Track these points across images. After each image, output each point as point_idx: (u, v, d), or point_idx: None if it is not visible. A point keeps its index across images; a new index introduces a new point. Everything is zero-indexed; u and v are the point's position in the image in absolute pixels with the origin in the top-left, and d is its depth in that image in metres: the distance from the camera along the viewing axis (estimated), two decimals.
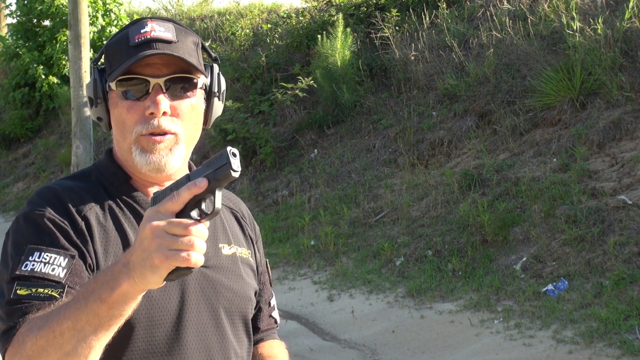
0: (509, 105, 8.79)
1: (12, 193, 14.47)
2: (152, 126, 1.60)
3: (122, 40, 1.64)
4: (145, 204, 1.66)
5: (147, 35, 1.61)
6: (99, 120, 1.70)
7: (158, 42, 1.61)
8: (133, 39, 1.61)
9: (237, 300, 1.72)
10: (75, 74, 10.23)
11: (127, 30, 1.65)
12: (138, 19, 1.67)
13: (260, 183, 10.55)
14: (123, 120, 1.63)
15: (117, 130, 1.65)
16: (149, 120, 1.61)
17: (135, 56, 1.59)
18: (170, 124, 1.62)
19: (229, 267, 1.73)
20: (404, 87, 10.27)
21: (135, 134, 1.62)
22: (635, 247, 6.31)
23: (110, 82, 1.63)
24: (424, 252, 7.56)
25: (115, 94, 1.63)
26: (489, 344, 5.84)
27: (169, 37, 1.62)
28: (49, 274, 1.50)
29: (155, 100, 1.60)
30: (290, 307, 7.27)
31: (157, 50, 1.59)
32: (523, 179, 7.64)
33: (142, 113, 1.61)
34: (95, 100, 1.67)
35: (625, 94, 7.71)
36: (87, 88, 1.68)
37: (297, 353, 6.16)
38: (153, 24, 1.63)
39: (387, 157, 9.54)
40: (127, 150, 1.64)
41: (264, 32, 12.91)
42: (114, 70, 1.62)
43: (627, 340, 5.40)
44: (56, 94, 14.87)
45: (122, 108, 1.62)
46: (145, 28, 1.62)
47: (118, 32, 1.69)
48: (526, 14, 9.52)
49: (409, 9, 11.15)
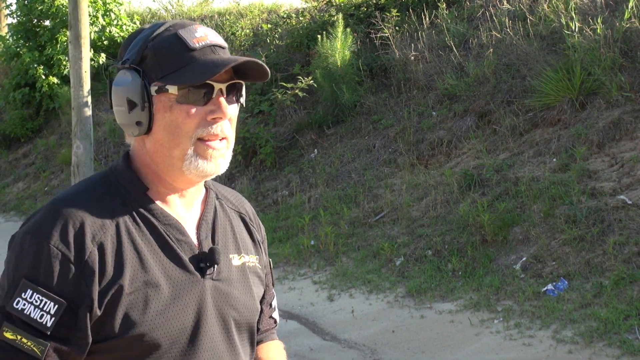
0: (509, 105, 8.80)
1: (12, 193, 14.47)
2: (215, 131, 1.60)
3: (175, 44, 1.60)
4: (162, 216, 1.64)
5: (205, 40, 1.60)
6: (137, 125, 1.62)
7: (216, 47, 1.62)
8: (192, 43, 1.59)
9: (246, 313, 1.73)
10: (75, 74, 10.23)
11: (173, 32, 1.61)
12: (175, 22, 1.64)
13: (260, 183, 10.56)
14: (178, 125, 1.59)
15: (167, 135, 1.61)
16: (210, 124, 1.60)
17: (221, 63, 1.57)
18: (228, 128, 1.64)
19: (239, 279, 1.73)
20: (404, 87, 10.27)
21: (193, 139, 1.59)
22: (635, 247, 6.32)
23: (168, 86, 1.58)
24: (424, 252, 7.57)
25: (168, 97, 1.59)
26: (489, 344, 5.85)
27: (222, 42, 1.64)
28: (37, 320, 1.50)
29: (221, 105, 1.60)
30: (290, 307, 7.27)
31: (241, 60, 1.59)
32: (523, 179, 7.64)
33: (202, 117, 1.59)
34: (142, 103, 1.60)
35: (625, 94, 7.72)
36: (125, 90, 1.61)
37: (297, 353, 6.16)
38: (202, 28, 1.63)
39: (387, 157, 9.55)
40: (179, 158, 1.61)
41: (264, 32, 12.92)
42: (170, 74, 1.59)
43: (627, 340, 5.41)
44: (56, 94, 14.87)
45: (179, 112, 1.59)
46: (198, 32, 1.61)
47: (153, 32, 1.63)
48: (526, 14, 9.53)
49: (408, 9, 11.15)
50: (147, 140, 1.64)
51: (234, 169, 10.96)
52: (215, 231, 1.72)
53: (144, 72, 1.60)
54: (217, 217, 1.74)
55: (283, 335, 7.21)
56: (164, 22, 1.65)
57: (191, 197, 1.70)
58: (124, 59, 1.64)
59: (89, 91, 10.36)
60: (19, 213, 13.31)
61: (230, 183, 10.65)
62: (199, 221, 1.70)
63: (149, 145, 1.64)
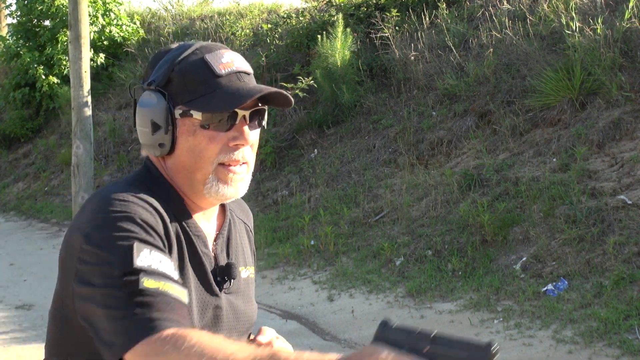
0: (509, 105, 8.80)
1: (12, 193, 14.48)
2: (236, 157, 1.62)
3: (201, 69, 1.60)
4: (193, 226, 1.66)
5: (231, 66, 1.62)
6: (160, 146, 1.63)
7: (242, 73, 1.63)
8: (218, 69, 1.60)
9: (248, 325, 1.77)
10: (75, 74, 10.24)
11: (200, 56, 1.62)
12: (202, 45, 1.65)
13: (261, 183, 10.56)
14: (201, 149, 1.61)
15: (189, 158, 1.62)
16: (232, 150, 1.62)
17: (246, 93, 1.59)
18: (249, 154, 1.66)
19: (244, 291, 1.76)
20: (404, 87, 10.27)
21: (215, 164, 1.61)
22: (635, 247, 6.32)
23: (193, 111, 1.60)
24: (424, 252, 7.57)
25: (192, 122, 1.61)
26: None
27: (248, 68, 1.65)
28: (166, 272, 1.48)
29: (243, 132, 1.62)
30: (290, 307, 7.28)
31: (266, 90, 1.60)
32: (523, 179, 7.64)
33: (224, 143, 1.61)
34: (166, 126, 1.61)
35: (625, 94, 7.72)
36: (149, 112, 1.62)
37: None
38: (229, 53, 1.64)
39: (387, 157, 9.55)
40: (200, 181, 1.63)
41: (264, 32, 12.91)
42: (196, 99, 1.60)
43: (627, 340, 5.41)
44: (56, 94, 14.87)
45: (202, 137, 1.61)
46: (225, 57, 1.62)
47: (180, 55, 1.63)
48: (526, 14, 9.53)
49: (408, 9, 11.15)
50: (168, 160, 1.66)
51: None
52: (229, 245, 1.75)
53: (170, 95, 1.61)
54: (231, 232, 1.78)
55: (283, 336, 7.19)
56: (192, 44, 1.66)
57: (211, 212, 1.74)
58: (150, 80, 1.65)
59: (89, 91, 10.37)
60: (19, 213, 13.31)
61: None
62: (217, 235, 1.73)
63: (170, 165, 1.66)
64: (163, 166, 1.68)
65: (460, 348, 1.22)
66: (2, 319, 7.31)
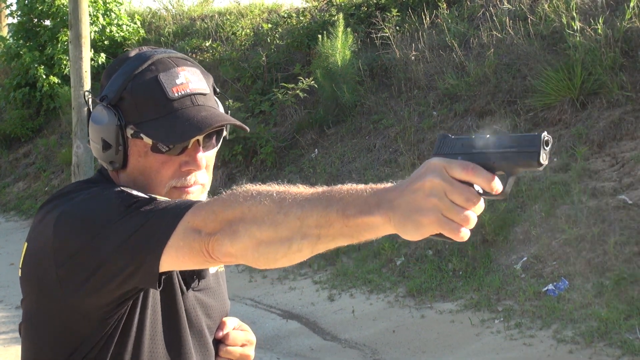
0: (510, 105, 8.80)
1: (12, 193, 14.47)
2: (189, 182, 1.58)
3: (154, 90, 1.55)
4: None
5: (185, 88, 1.56)
6: (111, 164, 1.59)
7: (198, 95, 1.57)
8: (171, 93, 1.54)
9: (218, 319, 1.73)
10: (76, 74, 10.23)
11: (154, 75, 1.56)
12: (158, 60, 1.58)
13: (261, 183, 10.55)
14: (152, 172, 1.57)
15: (142, 178, 1.58)
16: (184, 175, 1.57)
17: (196, 126, 1.52)
18: (202, 177, 1.60)
19: (214, 287, 1.72)
20: (405, 87, 10.27)
21: (168, 187, 1.57)
22: (635, 246, 6.32)
23: (143, 134, 1.54)
24: (425, 251, 7.57)
25: (144, 143, 1.56)
26: (490, 344, 5.85)
27: (203, 89, 1.59)
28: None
29: (196, 158, 1.57)
30: (290, 306, 7.27)
31: (216, 122, 1.54)
32: (523, 179, 7.64)
33: (177, 167, 1.57)
34: (116, 146, 1.56)
35: (626, 94, 7.72)
36: (100, 130, 1.57)
37: (298, 353, 6.16)
38: (184, 73, 1.57)
39: (388, 157, 9.55)
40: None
41: (264, 32, 12.91)
42: (147, 122, 1.54)
43: (628, 340, 5.40)
44: (57, 94, 14.86)
45: (154, 161, 1.56)
46: (179, 78, 1.56)
47: (135, 69, 1.56)
48: (526, 14, 9.52)
49: (409, 9, 11.15)
50: (122, 174, 1.61)
51: (235, 168, 10.96)
52: None
53: (122, 113, 1.55)
54: None
55: (284, 335, 7.23)
56: (149, 56, 1.59)
57: None
58: (102, 94, 1.59)
59: (90, 91, 10.36)
60: (19, 213, 13.31)
61: (231, 183, 10.65)
62: None
63: (124, 179, 1.61)
64: (116, 178, 1.63)
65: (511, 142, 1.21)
66: (2, 319, 7.31)
